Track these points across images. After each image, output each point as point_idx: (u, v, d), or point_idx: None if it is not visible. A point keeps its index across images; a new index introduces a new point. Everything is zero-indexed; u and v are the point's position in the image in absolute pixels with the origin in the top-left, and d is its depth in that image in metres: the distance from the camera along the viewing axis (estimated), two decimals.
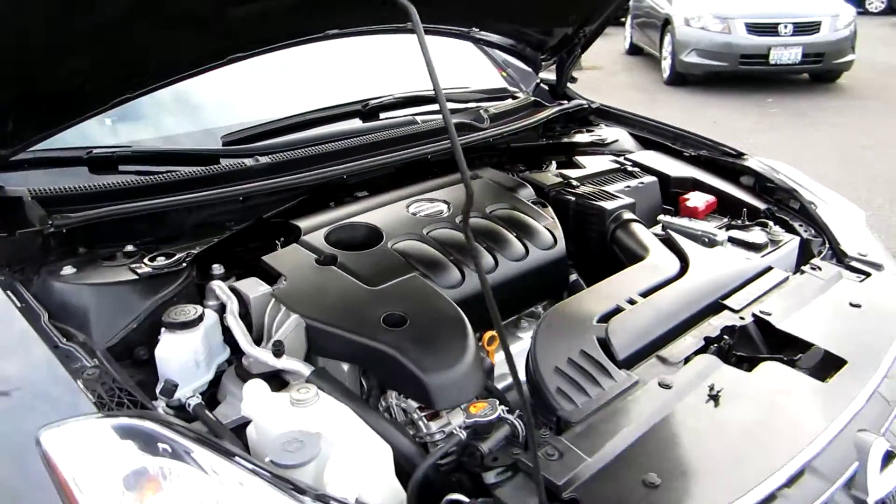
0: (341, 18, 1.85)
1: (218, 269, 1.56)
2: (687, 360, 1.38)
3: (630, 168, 2.17)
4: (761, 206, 2.05)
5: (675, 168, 2.22)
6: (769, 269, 1.70)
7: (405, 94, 2.19)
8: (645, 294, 1.52)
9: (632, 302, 1.49)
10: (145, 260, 1.48)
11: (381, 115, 2.15)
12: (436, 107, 2.21)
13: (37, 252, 1.47)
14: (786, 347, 1.49)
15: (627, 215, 1.87)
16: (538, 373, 1.29)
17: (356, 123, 2.10)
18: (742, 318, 1.51)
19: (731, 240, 1.89)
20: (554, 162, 2.22)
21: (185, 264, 1.48)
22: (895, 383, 1.39)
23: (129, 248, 1.52)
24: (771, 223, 1.96)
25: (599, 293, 1.54)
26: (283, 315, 1.43)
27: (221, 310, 1.47)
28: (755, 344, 1.50)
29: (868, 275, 1.73)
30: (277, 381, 1.40)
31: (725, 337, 1.46)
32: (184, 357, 1.34)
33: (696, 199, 2.04)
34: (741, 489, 1.09)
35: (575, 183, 2.01)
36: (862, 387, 1.32)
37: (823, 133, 6.95)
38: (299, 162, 1.81)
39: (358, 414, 1.21)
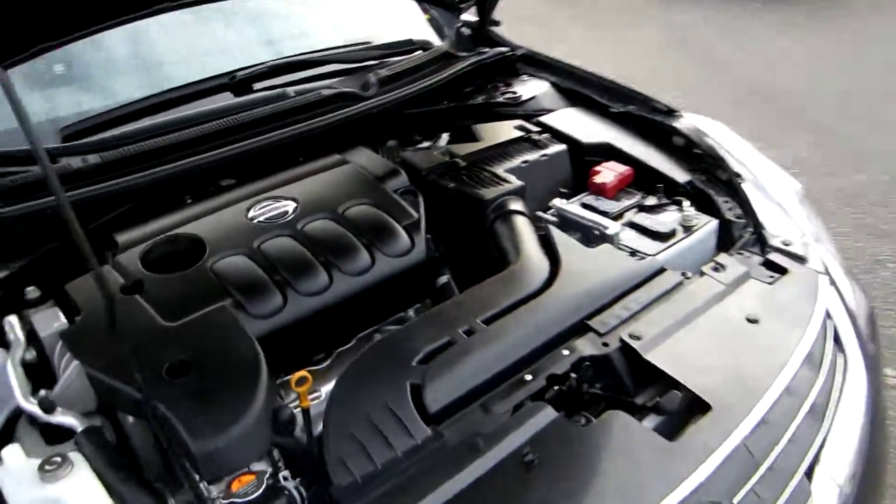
0: None
1: (33, 292, 1.39)
2: (517, 407, 1.17)
3: (536, 137, 1.89)
4: (682, 178, 1.77)
5: (593, 131, 1.93)
6: (661, 270, 1.45)
7: (277, 60, 1.93)
8: (490, 320, 1.30)
9: (469, 332, 1.27)
10: None
11: (255, 87, 1.91)
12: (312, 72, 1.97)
13: None
14: (657, 379, 1.27)
15: (512, 205, 1.62)
16: (325, 436, 1.10)
17: (225, 100, 1.85)
18: (606, 345, 1.28)
19: (633, 225, 1.63)
20: (445, 135, 1.94)
21: None
22: (769, 431, 1.16)
23: None
24: (686, 202, 1.68)
25: (434, 321, 1.31)
26: (68, 361, 1.26)
27: None
28: (618, 375, 1.27)
29: (784, 272, 1.46)
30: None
31: (573, 375, 1.24)
32: None
33: (607, 174, 1.77)
34: None
35: (461, 163, 1.76)
36: (720, 444, 1.10)
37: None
38: (137, 158, 1.60)
39: (114, 487, 1.07)
